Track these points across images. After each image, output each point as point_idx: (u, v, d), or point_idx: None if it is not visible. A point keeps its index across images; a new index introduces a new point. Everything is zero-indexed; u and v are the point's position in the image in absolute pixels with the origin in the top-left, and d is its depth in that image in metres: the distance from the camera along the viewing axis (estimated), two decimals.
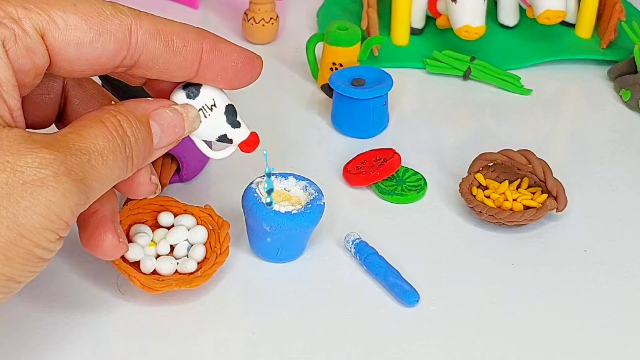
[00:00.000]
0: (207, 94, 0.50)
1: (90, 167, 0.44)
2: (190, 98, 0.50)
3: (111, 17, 0.45)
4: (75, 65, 0.45)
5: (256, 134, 0.53)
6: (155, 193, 0.51)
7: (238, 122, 0.51)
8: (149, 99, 0.49)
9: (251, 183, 0.58)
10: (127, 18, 0.45)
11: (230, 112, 0.51)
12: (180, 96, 0.50)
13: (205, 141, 0.52)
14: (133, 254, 0.56)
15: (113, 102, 0.50)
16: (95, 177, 0.44)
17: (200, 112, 0.50)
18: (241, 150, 0.53)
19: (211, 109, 0.50)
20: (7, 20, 0.43)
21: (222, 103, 0.50)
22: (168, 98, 0.50)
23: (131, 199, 0.62)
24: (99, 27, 0.44)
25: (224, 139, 0.52)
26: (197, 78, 0.49)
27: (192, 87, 0.50)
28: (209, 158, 0.67)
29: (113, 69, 0.46)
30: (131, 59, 0.46)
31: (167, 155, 0.64)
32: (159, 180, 0.63)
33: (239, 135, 0.52)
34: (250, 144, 0.53)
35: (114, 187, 0.48)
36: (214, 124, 0.51)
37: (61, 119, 0.52)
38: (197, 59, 0.48)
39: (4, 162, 0.41)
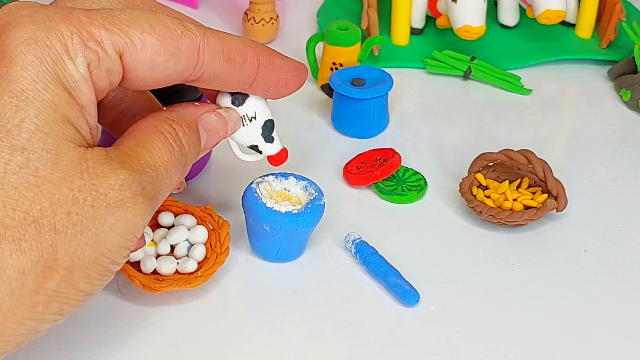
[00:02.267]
0: (251, 105, 0.52)
1: (159, 183, 0.45)
2: (234, 105, 0.51)
3: (182, 36, 0.45)
4: (145, 82, 0.46)
5: (286, 151, 0.55)
6: (179, 189, 0.54)
7: (272, 137, 0.54)
8: (197, 103, 0.50)
9: (251, 183, 0.58)
10: (195, 37, 0.46)
11: (268, 127, 0.53)
12: (225, 101, 0.51)
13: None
14: (133, 254, 0.56)
15: (163, 108, 0.51)
16: (162, 192, 0.46)
17: (240, 119, 0.52)
18: (268, 161, 0.55)
19: (250, 120, 0.52)
20: (92, 43, 0.43)
21: (262, 117, 0.52)
22: (213, 100, 0.52)
23: None
24: (171, 48, 0.45)
25: (255, 148, 0.54)
26: (251, 90, 0.50)
27: (238, 95, 0.51)
28: (209, 158, 0.67)
29: (177, 82, 0.48)
30: (196, 75, 0.47)
31: None
32: None
33: (270, 149, 0.54)
34: (277, 159, 0.55)
35: None
36: (250, 134, 0.53)
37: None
38: (254, 74, 0.49)
39: (90, 185, 0.42)
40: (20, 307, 0.41)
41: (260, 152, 0.54)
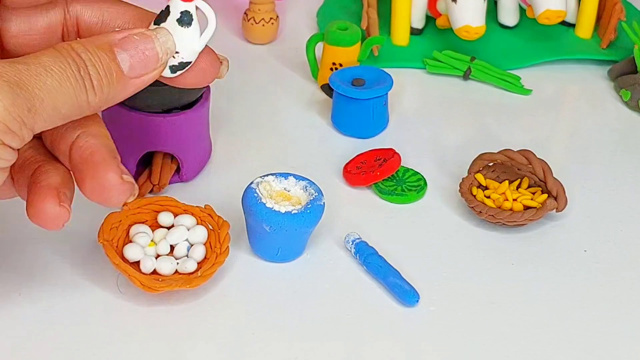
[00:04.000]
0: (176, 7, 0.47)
1: (28, 75, 0.43)
2: (159, 23, 0.47)
3: None
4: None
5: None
6: (133, 195, 0.48)
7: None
8: (116, 30, 0.48)
9: (251, 183, 0.58)
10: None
11: (186, 17, 0.47)
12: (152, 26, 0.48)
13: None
14: (133, 254, 0.56)
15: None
16: (38, 85, 0.43)
17: (171, 36, 0.47)
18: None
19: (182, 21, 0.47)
20: None
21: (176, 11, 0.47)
22: None
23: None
24: None
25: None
26: None
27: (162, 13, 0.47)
28: (209, 158, 0.67)
29: None
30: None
31: (167, 155, 0.64)
32: (159, 180, 0.63)
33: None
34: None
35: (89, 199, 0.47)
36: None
37: None
38: None
39: None
40: None
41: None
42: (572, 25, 0.84)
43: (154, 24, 0.48)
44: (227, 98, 0.74)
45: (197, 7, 0.47)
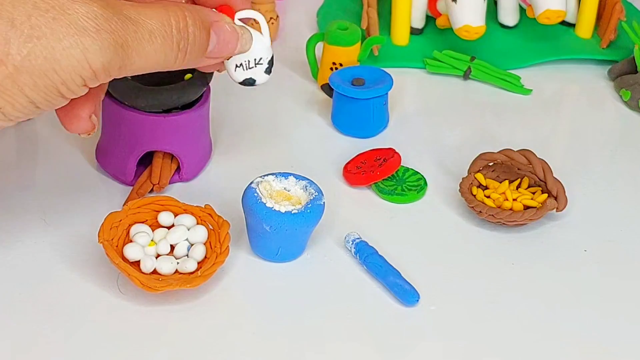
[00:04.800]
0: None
1: (134, 38, 0.47)
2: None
3: None
4: None
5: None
6: (89, 134, 0.53)
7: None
8: (214, 10, 0.53)
9: (251, 183, 0.58)
10: None
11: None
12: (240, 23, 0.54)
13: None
14: (133, 253, 0.56)
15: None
16: (137, 50, 0.48)
17: (251, 40, 0.55)
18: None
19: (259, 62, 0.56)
20: None
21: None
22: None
23: (131, 199, 0.62)
24: None
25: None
26: None
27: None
28: (209, 158, 0.67)
29: None
30: None
31: (167, 155, 0.64)
32: (159, 180, 0.63)
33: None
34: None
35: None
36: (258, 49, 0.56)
37: None
38: None
39: (56, 4, 0.45)
40: None
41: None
42: (572, 25, 0.84)
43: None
44: (227, 98, 0.74)
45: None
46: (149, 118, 0.62)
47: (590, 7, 0.82)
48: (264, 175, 0.59)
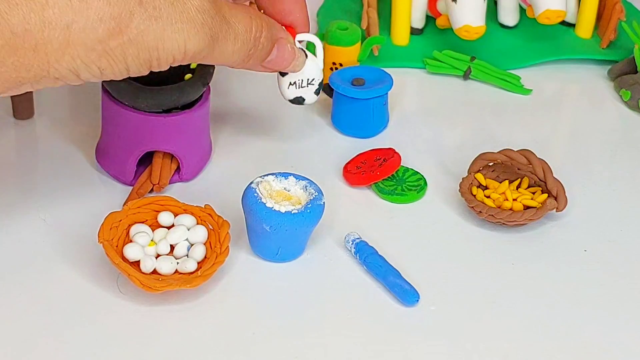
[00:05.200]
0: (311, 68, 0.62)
1: (224, 37, 0.53)
2: (309, 51, 0.61)
3: None
4: None
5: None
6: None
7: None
8: (283, 27, 0.59)
9: (251, 183, 0.58)
10: None
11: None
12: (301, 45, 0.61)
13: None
14: (133, 253, 0.56)
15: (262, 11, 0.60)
16: (221, 47, 0.54)
17: (304, 62, 0.61)
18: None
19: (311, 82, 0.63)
20: None
21: (319, 77, 0.62)
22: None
23: (131, 199, 0.62)
24: None
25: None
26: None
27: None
28: (209, 158, 0.67)
29: None
30: None
31: (167, 155, 0.64)
32: (159, 180, 0.63)
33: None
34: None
35: None
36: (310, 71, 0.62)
37: None
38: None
39: None
40: (81, 45, 0.48)
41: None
42: (572, 25, 0.84)
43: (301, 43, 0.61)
44: (227, 98, 0.74)
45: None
46: (149, 118, 0.62)
47: (590, 7, 0.82)
48: (264, 175, 0.59)
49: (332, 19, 0.82)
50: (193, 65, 0.64)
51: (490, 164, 0.65)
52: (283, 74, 0.62)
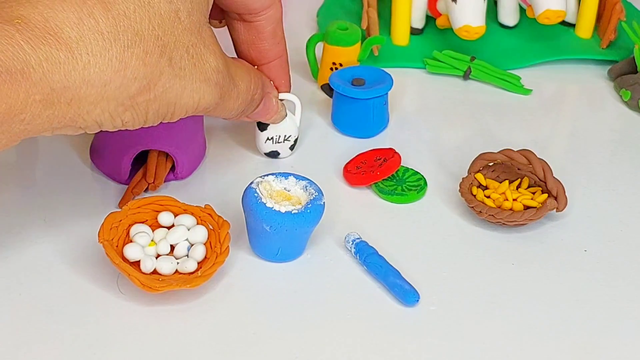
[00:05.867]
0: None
1: (229, 95, 0.56)
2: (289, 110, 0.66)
3: None
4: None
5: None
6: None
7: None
8: (271, 82, 0.64)
9: (251, 183, 0.58)
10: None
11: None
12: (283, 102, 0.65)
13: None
14: (133, 253, 0.56)
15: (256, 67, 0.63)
16: (226, 103, 0.57)
17: (284, 117, 0.65)
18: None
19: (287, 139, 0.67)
20: None
21: (294, 134, 0.67)
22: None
23: (126, 198, 0.62)
24: None
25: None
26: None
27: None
28: (203, 156, 0.67)
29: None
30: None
31: (161, 153, 0.64)
32: (154, 179, 0.63)
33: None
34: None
35: None
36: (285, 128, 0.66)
37: None
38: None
39: (200, 47, 0.53)
40: (113, 100, 0.50)
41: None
42: (572, 25, 0.84)
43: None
44: None
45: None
46: None
47: (590, 7, 0.82)
48: (264, 175, 0.59)
49: (332, 19, 0.82)
50: None
51: (491, 164, 0.65)
52: (262, 129, 0.66)
